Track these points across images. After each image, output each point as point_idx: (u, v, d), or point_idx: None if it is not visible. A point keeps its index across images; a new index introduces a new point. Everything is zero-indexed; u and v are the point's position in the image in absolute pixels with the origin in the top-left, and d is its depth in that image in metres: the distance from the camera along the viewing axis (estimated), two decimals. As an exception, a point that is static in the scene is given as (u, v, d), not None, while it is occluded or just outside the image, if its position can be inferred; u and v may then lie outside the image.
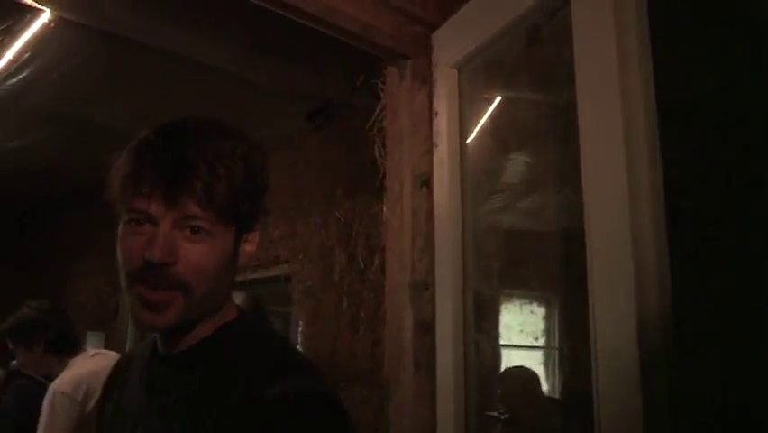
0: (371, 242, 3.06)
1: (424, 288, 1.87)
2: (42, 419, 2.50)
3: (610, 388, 1.25)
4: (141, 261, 0.89)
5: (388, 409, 1.97)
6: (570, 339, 2.21)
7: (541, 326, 2.43)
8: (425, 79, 1.98)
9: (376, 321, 2.92)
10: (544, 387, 2.35)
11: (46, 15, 2.61)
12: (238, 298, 3.15)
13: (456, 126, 1.87)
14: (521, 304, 2.54)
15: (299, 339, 3.59)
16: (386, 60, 2.16)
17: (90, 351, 2.85)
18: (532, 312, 2.49)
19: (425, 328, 1.84)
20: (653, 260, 1.24)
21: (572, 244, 1.44)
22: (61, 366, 2.71)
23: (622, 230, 1.26)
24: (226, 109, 3.56)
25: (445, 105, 1.88)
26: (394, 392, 1.96)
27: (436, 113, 1.92)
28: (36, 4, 2.51)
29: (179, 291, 0.91)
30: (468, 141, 1.93)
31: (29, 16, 2.60)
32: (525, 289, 2.52)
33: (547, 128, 1.96)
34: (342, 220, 3.34)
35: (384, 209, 2.12)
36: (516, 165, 2.34)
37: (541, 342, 2.44)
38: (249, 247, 1.00)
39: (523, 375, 2.41)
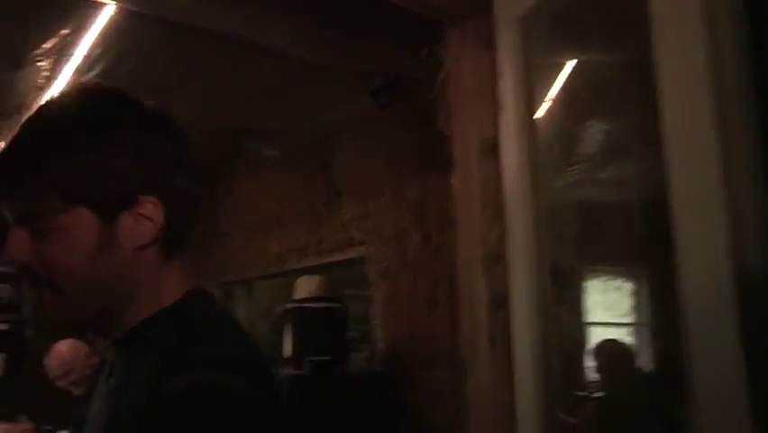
0: (444, 218, 2.96)
1: (495, 260, 1.76)
2: None
3: (706, 361, 1.13)
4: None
5: (466, 390, 1.89)
6: (659, 315, 2.06)
7: (627, 302, 2.29)
8: (488, 39, 1.87)
9: (453, 300, 2.83)
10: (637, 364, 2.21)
11: (111, 9, 2.64)
12: (313, 281, 3.15)
13: (522, 88, 1.75)
14: (605, 279, 2.40)
15: (378, 322, 3.54)
16: (446, 23, 2.05)
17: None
18: (618, 288, 2.35)
19: (499, 303, 1.74)
20: (750, 217, 1.11)
21: (658, 215, 1.31)
22: None
23: (712, 188, 1.12)
24: (292, 94, 3.55)
25: (509, 65, 1.77)
26: (471, 372, 1.87)
27: (500, 74, 1.80)
28: (100, -1, 2.54)
29: (48, 290, 0.82)
30: (537, 104, 1.80)
31: (94, 11, 2.63)
32: (607, 263, 2.38)
33: (625, 88, 1.82)
34: (414, 198, 3.26)
35: (453, 180, 2.02)
36: (594, 132, 2.20)
37: (627, 318, 2.30)
38: (135, 226, 0.82)
39: (616, 350, 2.27)
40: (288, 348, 3.07)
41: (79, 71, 2.98)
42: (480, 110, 1.86)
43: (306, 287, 3.18)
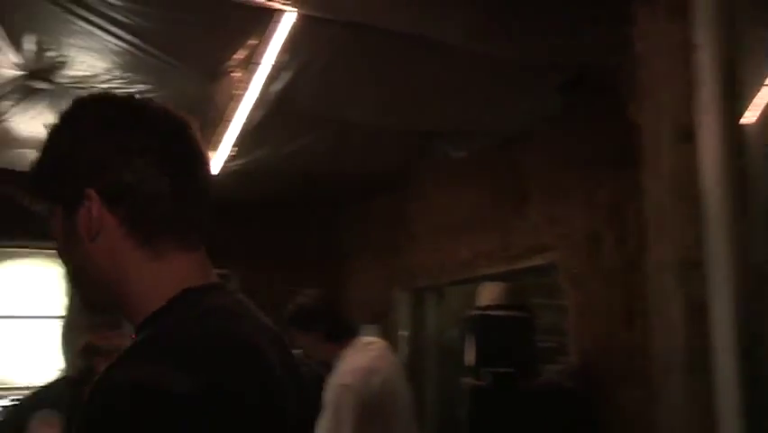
0: (641, 221, 2.66)
1: (692, 265, 1.49)
2: (328, 412, 2.57)
3: None
4: None
5: (659, 411, 1.63)
6: None
7: None
8: (681, 11, 1.60)
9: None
10: None
11: (292, 16, 2.70)
12: (496, 288, 2.99)
13: (723, 60, 1.48)
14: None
15: (570, 334, 3.29)
16: (635, 2, 1.82)
17: (362, 340, 2.88)
18: None
19: (696, 315, 1.47)
20: None
21: None
22: (337, 355, 2.78)
23: None
24: (478, 94, 3.42)
25: (708, 34, 1.49)
26: (665, 396, 1.61)
27: (697, 46, 1.53)
28: (283, 7, 2.62)
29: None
30: (741, 81, 1.51)
31: (277, 19, 2.71)
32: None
33: None
34: (607, 199, 2.98)
35: (642, 175, 1.78)
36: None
37: None
38: (85, 216, 0.85)
39: None
40: (469, 357, 2.93)
41: (270, 79, 3.10)
42: (674, 93, 1.61)
43: (489, 294, 3.02)
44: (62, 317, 3.74)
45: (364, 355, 2.75)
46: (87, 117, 0.90)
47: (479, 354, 2.87)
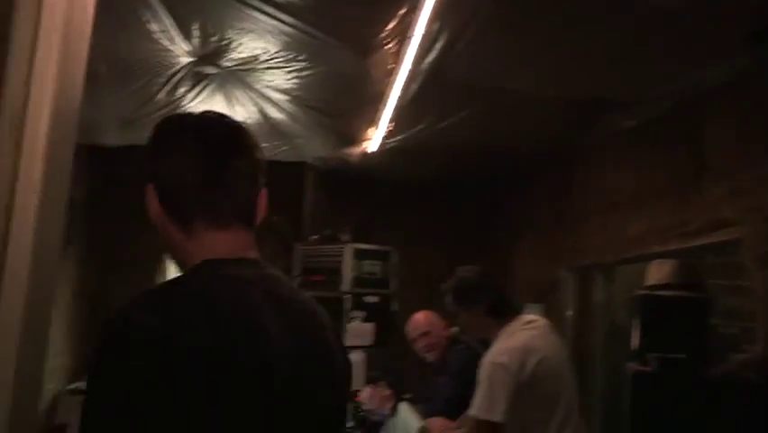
0: None
1: None
2: (481, 389, 2.53)
3: None
4: None
5: None
6: None
7: None
8: None
9: None
10: None
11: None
12: (666, 266, 2.72)
13: None
14: None
15: (757, 321, 2.94)
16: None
17: (522, 319, 2.77)
18: None
19: None
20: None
21: None
22: (496, 332, 2.70)
23: None
24: (650, 56, 3.11)
25: None
26: None
27: None
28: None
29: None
30: None
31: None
32: None
33: None
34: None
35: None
36: None
37: None
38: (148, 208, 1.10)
39: None
40: (635, 340, 2.70)
41: (423, 50, 3.02)
42: None
43: (657, 272, 2.76)
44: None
45: (523, 334, 2.64)
46: (151, 133, 1.12)
47: (645, 336, 2.64)
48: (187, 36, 3.03)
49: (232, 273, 1.02)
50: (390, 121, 3.98)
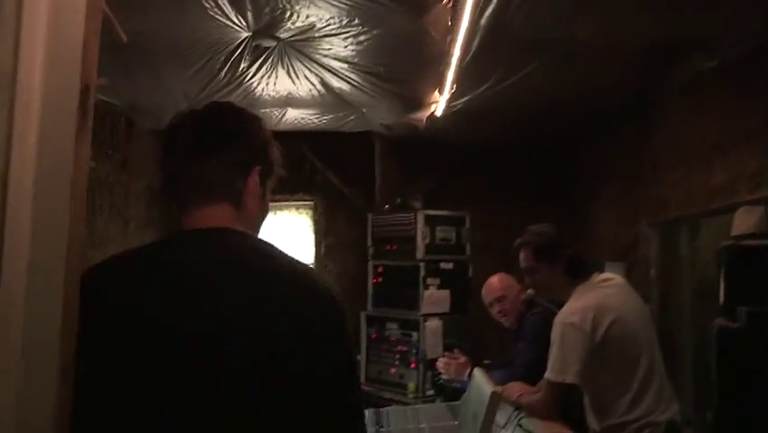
0: None
1: None
2: (553, 350, 2.47)
3: None
4: None
5: None
6: None
7: None
8: None
9: None
10: None
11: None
12: (754, 213, 2.53)
13: None
14: None
15: None
16: None
17: (598, 277, 2.66)
18: None
19: None
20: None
21: None
22: (570, 291, 2.61)
23: None
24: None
25: None
26: None
27: None
28: None
29: None
30: None
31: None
32: None
33: None
34: None
35: None
36: None
37: None
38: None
39: None
40: (722, 295, 2.54)
41: (480, 1, 2.90)
42: None
43: (744, 221, 2.59)
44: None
45: (597, 293, 2.55)
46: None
47: (731, 290, 2.47)
48: (240, 10, 3.02)
49: (192, 241, 1.17)
50: (454, 82, 3.87)
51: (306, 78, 3.97)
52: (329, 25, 3.19)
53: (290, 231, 5.94)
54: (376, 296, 4.97)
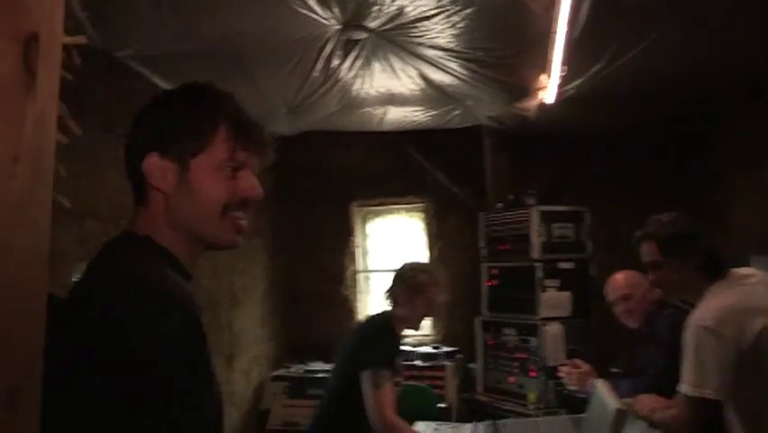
0: None
1: None
2: (687, 360, 2.11)
3: None
4: (243, 197, 1.13)
5: None
6: None
7: None
8: None
9: None
10: None
11: None
12: None
13: None
14: None
15: None
16: None
17: (736, 273, 2.26)
18: None
19: None
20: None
21: None
22: (703, 290, 2.23)
23: None
24: None
25: None
26: None
27: None
28: None
29: None
30: None
31: None
32: None
33: None
34: None
35: None
36: None
37: None
38: None
39: None
40: None
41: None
42: None
43: None
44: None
45: (736, 291, 2.16)
46: None
47: None
48: (322, 1, 2.86)
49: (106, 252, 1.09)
50: (563, 63, 3.52)
51: (404, 71, 3.79)
52: (419, 8, 2.97)
53: (403, 235, 5.78)
54: (491, 299, 4.67)
